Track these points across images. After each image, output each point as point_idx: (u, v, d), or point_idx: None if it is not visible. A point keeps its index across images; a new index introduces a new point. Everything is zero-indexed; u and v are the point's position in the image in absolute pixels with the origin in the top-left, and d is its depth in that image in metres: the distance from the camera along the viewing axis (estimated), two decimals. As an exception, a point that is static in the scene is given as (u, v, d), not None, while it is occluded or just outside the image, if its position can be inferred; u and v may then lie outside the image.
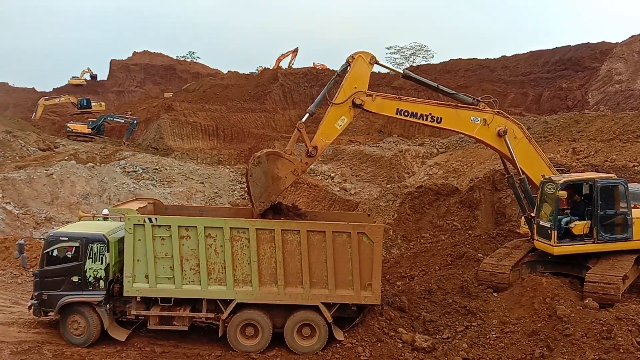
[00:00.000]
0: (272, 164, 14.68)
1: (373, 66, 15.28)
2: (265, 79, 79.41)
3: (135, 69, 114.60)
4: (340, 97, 15.03)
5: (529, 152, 16.12)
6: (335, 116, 15.11)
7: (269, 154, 14.88)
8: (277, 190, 14.91)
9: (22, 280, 19.30)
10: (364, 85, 15.07)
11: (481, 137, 15.98)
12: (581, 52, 67.94)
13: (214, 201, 38.51)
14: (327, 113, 15.19)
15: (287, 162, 14.84)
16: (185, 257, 13.91)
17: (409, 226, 22.91)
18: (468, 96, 16.21)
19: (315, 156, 15.25)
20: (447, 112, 15.58)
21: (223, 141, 58.96)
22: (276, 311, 14.22)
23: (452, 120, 15.64)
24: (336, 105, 15.04)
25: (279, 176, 14.74)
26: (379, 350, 13.55)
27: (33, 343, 14.13)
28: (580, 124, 34.70)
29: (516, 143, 15.86)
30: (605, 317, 12.92)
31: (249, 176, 14.58)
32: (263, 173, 14.54)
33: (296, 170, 14.94)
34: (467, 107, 15.87)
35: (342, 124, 15.16)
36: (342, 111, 15.08)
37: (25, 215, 30.50)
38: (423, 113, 15.49)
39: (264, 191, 14.62)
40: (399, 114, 15.49)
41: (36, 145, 49.28)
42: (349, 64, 15.17)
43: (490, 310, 14.60)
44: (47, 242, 14.60)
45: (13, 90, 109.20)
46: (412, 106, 15.52)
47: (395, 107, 15.44)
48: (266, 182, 14.57)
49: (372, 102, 15.18)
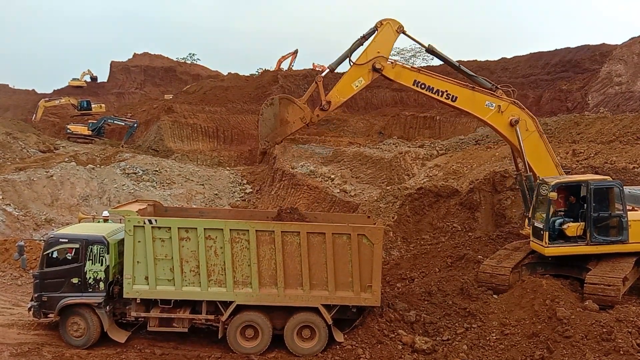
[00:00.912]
0: (284, 107, 15.78)
1: (399, 35, 15.66)
2: (266, 80, 79.46)
3: (135, 71, 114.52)
4: (362, 58, 15.66)
5: (538, 147, 16.16)
6: (353, 76, 15.80)
7: (282, 98, 15.99)
8: (283, 133, 16.05)
9: (22, 282, 19.32)
10: (387, 52, 15.61)
11: (492, 123, 16.19)
12: (581, 54, 68.00)
13: (214, 203, 38.52)
14: (346, 72, 15.85)
15: (297, 109, 15.83)
16: (185, 259, 13.91)
17: (409, 228, 22.89)
18: (487, 81, 16.43)
19: (327, 110, 16.00)
20: (463, 92, 15.84)
21: (223, 143, 58.94)
22: (276, 313, 14.22)
23: (467, 101, 15.94)
24: (357, 66, 15.68)
25: (287, 120, 15.80)
26: (379, 352, 13.54)
27: (33, 345, 14.12)
28: (580, 126, 34.73)
29: (527, 135, 15.93)
30: (605, 319, 12.91)
31: (259, 115, 15.80)
32: (273, 115, 15.70)
33: (304, 118, 15.84)
34: (485, 91, 16.00)
35: (359, 85, 15.83)
36: (361, 73, 15.73)
37: (25, 217, 30.51)
38: (439, 89, 15.80)
39: (270, 132, 15.83)
40: (415, 86, 15.81)
41: (36, 146, 49.32)
42: (377, 29, 15.66)
43: (490, 312, 14.59)
44: (47, 244, 14.60)
45: (13, 92, 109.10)
46: (430, 80, 15.82)
47: (413, 78, 15.83)
48: (274, 124, 15.71)
49: (392, 69, 15.68)
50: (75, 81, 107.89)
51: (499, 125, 16.13)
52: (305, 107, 15.90)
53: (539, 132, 16.16)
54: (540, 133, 16.23)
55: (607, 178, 16.10)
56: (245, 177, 44.60)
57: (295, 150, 46.21)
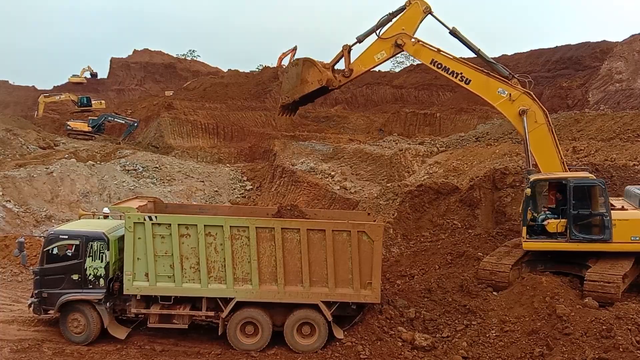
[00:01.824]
0: (306, 69, 17.20)
1: (426, 15, 16.50)
2: (266, 77, 79.41)
3: (135, 67, 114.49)
4: (387, 32, 16.67)
5: (544, 140, 16.23)
6: (377, 49, 16.84)
7: (305, 60, 17.38)
8: (301, 90, 17.40)
9: (22, 278, 19.32)
10: (411, 30, 16.47)
11: (502, 111, 16.46)
12: (582, 51, 67.97)
13: (214, 200, 38.53)
14: (371, 44, 16.89)
15: (317, 71, 17.09)
16: (185, 256, 13.92)
17: (409, 225, 22.89)
18: (505, 69, 16.67)
19: (349, 78, 17.29)
20: (477, 77, 16.23)
21: (223, 140, 58.86)
22: (276, 309, 14.23)
23: (480, 85, 16.26)
24: (381, 39, 16.70)
25: (307, 80, 17.19)
26: (378, 348, 13.55)
27: (33, 341, 14.14)
28: (581, 123, 34.68)
29: (534, 127, 16.06)
30: (605, 316, 12.91)
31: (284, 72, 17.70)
32: (296, 74, 17.32)
33: (322, 80, 17.05)
34: (499, 78, 16.27)
35: (380, 58, 16.90)
36: (385, 46, 16.72)
37: (25, 214, 30.52)
38: (455, 70, 16.29)
39: (291, 88, 17.50)
40: (432, 65, 16.41)
41: (36, 143, 49.30)
42: (406, 7, 16.57)
43: (490, 309, 14.60)
44: (47, 240, 14.61)
45: (13, 88, 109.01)
46: (447, 61, 16.36)
47: (431, 57, 16.47)
48: (295, 82, 17.28)
49: (412, 45, 16.47)
50: (75, 78, 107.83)
51: (509, 114, 16.35)
52: (324, 70, 17.03)
53: (548, 126, 16.18)
54: (550, 128, 16.23)
55: (590, 176, 16.05)
56: (245, 174, 44.60)
57: (295, 147, 46.21)
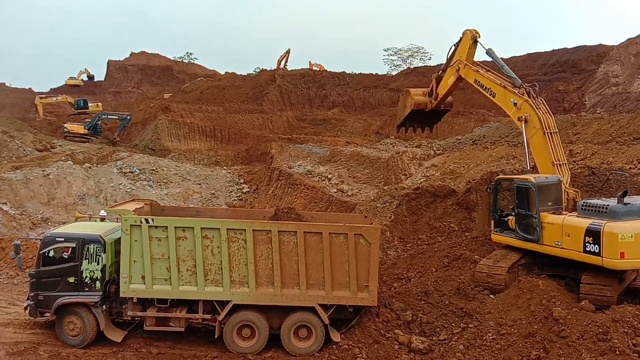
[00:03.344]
0: (404, 96, 22.54)
1: (475, 42, 19.15)
2: (263, 80, 79.40)
3: (132, 70, 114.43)
4: (451, 61, 20.05)
5: (540, 145, 17.03)
6: (448, 75, 20.22)
7: (406, 90, 22.82)
8: (403, 114, 22.54)
9: (18, 281, 19.27)
10: (464, 56, 19.37)
11: (513, 118, 17.96)
12: (578, 55, 68.15)
13: (210, 202, 38.45)
14: (446, 72, 20.35)
15: (409, 97, 21.89)
16: (181, 258, 13.90)
17: (406, 228, 22.90)
18: (517, 80, 17.94)
19: (437, 100, 21.01)
20: (500, 90, 18.08)
21: (220, 142, 58.75)
22: (273, 312, 14.22)
23: (501, 98, 18.09)
24: (450, 67, 20.13)
25: (406, 105, 22.27)
26: (375, 351, 13.55)
27: (29, 344, 14.10)
28: (577, 127, 34.79)
29: (533, 133, 17.13)
30: (601, 319, 12.94)
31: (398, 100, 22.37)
32: (401, 101, 22.91)
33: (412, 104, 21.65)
34: (511, 89, 17.81)
35: (451, 82, 20.09)
36: (452, 72, 20.00)
37: (21, 216, 30.40)
38: (487, 86, 18.45)
39: (399, 111, 23.15)
40: (475, 83, 18.94)
41: (33, 145, 49.08)
42: (461, 38, 19.65)
43: (487, 312, 14.62)
44: (44, 243, 14.58)
45: (10, 90, 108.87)
46: (484, 80, 18.63)
47: (474, 77, 18.96)
48: (400, 107, 22.99)
49: (463, 69, 19.31)
50: (72, 80, 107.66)
51: (516, 121, 17.77)
52: (418, 97, 21.61)
53: (543, 131, 16.80)
54: (546, 132, 16.82)
55: (529, 178, 16.38)
56: (242, 176, 44.54)
57: (292, 149, 46.15)
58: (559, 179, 16.29)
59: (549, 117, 17.12)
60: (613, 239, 13.90)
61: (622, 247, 13.87)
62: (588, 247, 14.41)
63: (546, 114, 17.07)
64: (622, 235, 13.85)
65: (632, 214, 14.29)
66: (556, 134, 17.16)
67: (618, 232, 13.87)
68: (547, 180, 16.19)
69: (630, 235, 13.84)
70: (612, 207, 14.39)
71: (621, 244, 13.87)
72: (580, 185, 19.73)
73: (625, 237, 13.84)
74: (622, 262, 14.01)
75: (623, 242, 13.85)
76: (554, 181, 16.23)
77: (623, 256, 13.86)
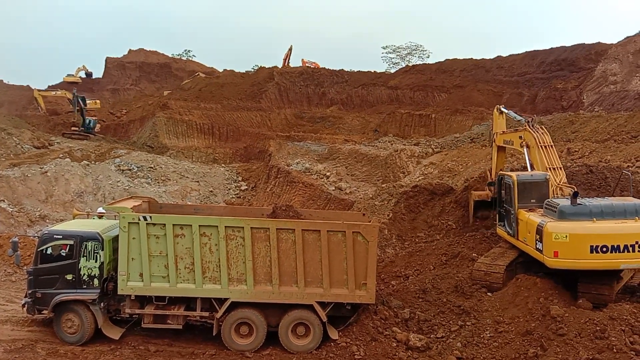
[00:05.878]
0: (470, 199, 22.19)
1: (502, 114, 21.14)
2: (261, 77, 79.20)
3: (130, 67, 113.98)
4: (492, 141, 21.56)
5: (537, 159, 17.50)
6: (493, 153, 21.36)
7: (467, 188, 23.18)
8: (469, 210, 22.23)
9: (16, 278, 19.27)
10: (497, 128, 21.08)
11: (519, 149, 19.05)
12: (576, 53, 68.06)
13: (209, 200, 38.43)
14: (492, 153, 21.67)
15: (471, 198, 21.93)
16: (180, 256, 13.90)
17: (404, 225, 22.94)
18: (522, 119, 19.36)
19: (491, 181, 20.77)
20: (513, 137, 19.40)
21: (218, 140, 58.63)
22: (271, 310, 14.22)
23: (515, 142, 19.17)
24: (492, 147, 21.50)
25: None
26: (373, 349, 13.56)
27: (27, 341, 14.11)
28: (575, 125, 34.80)
29: (530, 151, 17.89)
30: (598, 317, 12.96)
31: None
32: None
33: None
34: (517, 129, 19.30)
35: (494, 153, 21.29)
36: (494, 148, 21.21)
37: (19, 213, 30.37)
38: (509, 139, 19.75)
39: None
40: (504, 143, 20.42)
41: (30, 142, 48.96)
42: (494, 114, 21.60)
43: (485, 310, 14.65)
44: (42, 240, 14.57)
45: (7, 87, 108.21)
46: (508, 136, 20.06)
47: (502, 139, 20.38)
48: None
49: (497, 137, 20.77)
50: (69, 77, 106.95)
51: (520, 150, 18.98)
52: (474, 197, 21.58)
53: (537, 146, 17.45)
54: (540, 147, 17.44)
55: (511, 175, 17.09)
56: (240, 174, 44.51)
57: (290, 147, 46.14)
58: (546, 177, 16.43)
59: (546, 136, 17.78)
60: (549, 238, 14.15)
61: (556, 247, 14.06)
62: (538, 245, 14.76)
63: (543, 135, 17.73)
64: (555, 234, 14.02)
65: (580, 215, 14.28)
66: (552, 147, 17.61)
67: (552, 232, 14.06)
68: (531, 178, 16.52)
69: (564, 235, 13.96)
70: (560, 207, 14.54)
71: (555, 244, 14.06)
72: (578, 184, 19.77)
73: (559, 237, 14.00)
74: (555, 261, 14.17)
75: (557, 242, 14.03)
76: (539, 179, 16.45)
77: (557, 255, 14.05)
